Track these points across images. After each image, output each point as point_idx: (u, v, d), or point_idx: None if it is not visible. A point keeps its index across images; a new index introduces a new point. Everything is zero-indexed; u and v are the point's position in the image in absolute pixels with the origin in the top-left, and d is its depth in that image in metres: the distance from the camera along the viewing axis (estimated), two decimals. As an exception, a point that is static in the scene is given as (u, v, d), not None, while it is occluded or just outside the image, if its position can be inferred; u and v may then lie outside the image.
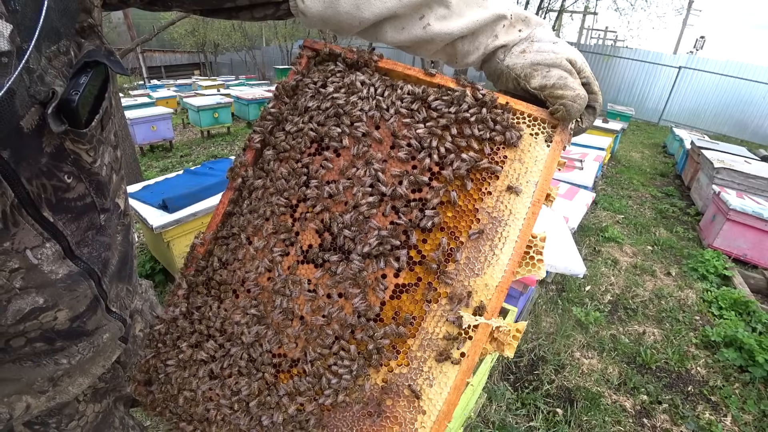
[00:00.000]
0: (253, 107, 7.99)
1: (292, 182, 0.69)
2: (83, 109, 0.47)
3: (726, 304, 3.09)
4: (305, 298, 0.65)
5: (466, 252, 0.62)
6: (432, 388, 0.59)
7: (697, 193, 5.22)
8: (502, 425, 1.99)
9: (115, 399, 0.88)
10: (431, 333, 0.61)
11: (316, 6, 0.64)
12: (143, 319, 0.93)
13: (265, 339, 0.66)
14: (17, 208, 0.46)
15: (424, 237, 0.63)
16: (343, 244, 0.64)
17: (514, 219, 0.62)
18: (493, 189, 0.63)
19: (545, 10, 12.38)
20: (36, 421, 0.70)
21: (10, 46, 0.39)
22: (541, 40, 0.62)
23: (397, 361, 0.62)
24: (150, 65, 22.38)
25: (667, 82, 12.89)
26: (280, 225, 0.68)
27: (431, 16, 0.62)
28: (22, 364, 0.59)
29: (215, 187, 2.87)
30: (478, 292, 0.60)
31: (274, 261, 0.68)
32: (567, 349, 2.56)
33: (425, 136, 0.64)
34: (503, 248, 0.61)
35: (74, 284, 0.57)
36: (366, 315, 0.62)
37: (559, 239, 2.15)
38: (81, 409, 0.77)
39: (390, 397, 0.61)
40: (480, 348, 0.58)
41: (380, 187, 0.64)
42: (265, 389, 0.65)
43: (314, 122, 0.70)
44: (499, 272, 0.60)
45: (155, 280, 2.92)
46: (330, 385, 0.61)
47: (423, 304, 0.62)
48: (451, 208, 0.63)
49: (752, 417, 2.18)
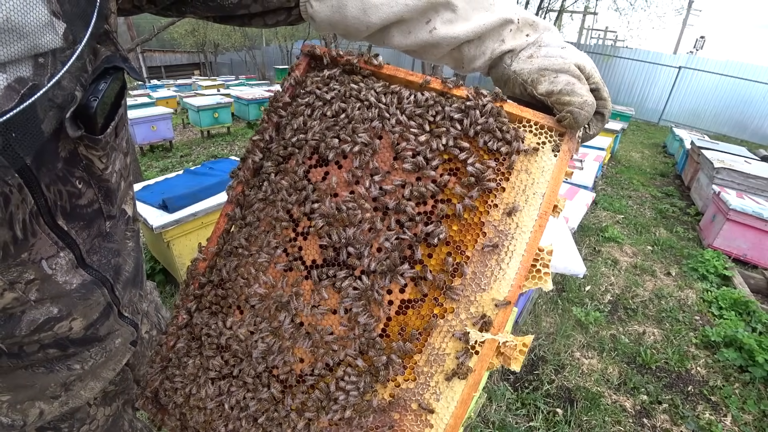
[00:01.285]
0: (253, 107, 7.99)
1: (293, 196, 0.67)
2: (100, 116, 0.47)
3: (726, 304, 3.09)
4: (311, 314, 0.64)
5: (473, 266, 0.61)
6: (439, 402, 0.59)
7: (697, 193, 5.22)
8: (502, 425, 1.99)
9: (124, 402, 0.88)
10: (438, 348, 0.61)
11: (324, 11, 0.64)
12: (149, 321, 0.93)
13: (271, 355, 0.65)
14: (35, 216, 0.45)
15: (430, 252, 0.62)
16: (347, 259, 0.63)
17: (521, 232, 0.60)
18: (499, 201, 0.61)
19: (545, 10, 12.37)
20: (48, 426, 0.69)
21: (63, 43, 0.39)
22: (549, 45, 0.61)
23: (404, 377, 0.61)
24: (150, 65, 22.39)
25: (667, 82, 12.89)
26: (283, 240, 0.67)
27: (437, 20, 0.61)
28: (35, 371, 0.59)
29: (215, 187, 2.86)
30: (485, 307, 0.60)
31: (277, 277, 0.67)
32: (567, 349, 2.56)
33: (429, 146, 0.62)
34: (510, 262, 0.60)
35: (88, 293, 0.57)
36: (373, 331, 0.61)
37: (559, 239, 2.15)
38: (92, 413, 0.77)
39: (397, 411, 0.60)
40: (486, 363, 0.58)
41: (384, 200, 0.63)
42: (272, 405, 0.64)
43: (313, 133, 0.67)
44: (505, 287, 0.59)
45: (155, 280, 2.92)
46: (338, 401, 0.61)
47: (429, 320, 0.61)
48: (456, 221, 0.61)
49: (752, 417, 2.18)
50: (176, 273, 2.80)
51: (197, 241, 2.77)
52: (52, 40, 0.38)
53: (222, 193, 2.88)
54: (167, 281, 2.97)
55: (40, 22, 0.36)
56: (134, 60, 18.44)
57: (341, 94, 0.68)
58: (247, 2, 0.65)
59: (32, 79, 0.38)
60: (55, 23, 0.38)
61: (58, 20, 0.39)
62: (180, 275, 2.77)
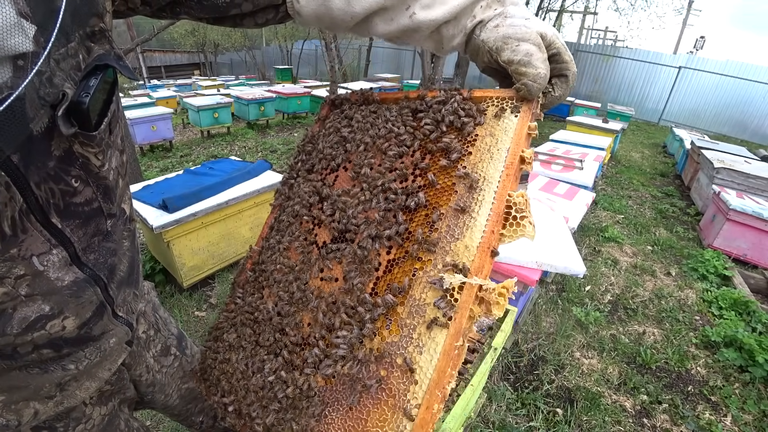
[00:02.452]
0: (253, 107, 7.99)
1: (313, 198, 0.85)
2: (93, 112, 0.47)
3: (726, 304, 3.09)
4: (319, 283, 0.77)
5: (446, 221, 0.67)
6: (422, 355, 0.61)
7: (697, 193, 5.22)
8: (502, 425, 1.99)
9: (120, 401, 0.88)
10: (418, 299, 0.64)
11: (310, 5, 0.67)
12: (146, 321, 0.93)
13: (286, 318, 0.78)
14: (26, 214, 0.45)
15: (411, 216, 0.71)
16: (347, 234, 0.76)
17: (488, 183, 0.66)
18: (467, 164, 0.69)
19: (545, 10, 12.37)
20: (44, 425, 0.69)
21: (35, 47, 0.39)
22: (514, 15, 0.65)
23: (389, 330, 0.65)
24: (150, 65, 22.38)
25: (667, 82, 12.88)
26: (304, 230, 0.85)
27: (416, 6, 0.67)
28: (30, 371, 0.58)
29: (215, 187, 2.86)
30: (460, 255, 0.63)
31: (296, 257, 0.83)
32: (567, 349, 2.56)
33: (408, 135, 0.76)
34: (479, 210, 0.64)
35: (80, 291, 0.57)
36: (363, 291, 0.70)
37: (559, 239, 2.15)
38: (88, 412, 0.77)
39: (384, 368, 0.63)
40: (467, 310, 0.59)
41: (375, 182, 0.76)
42: (282, 366, 0.77)
43: (327, 151, 0.88)
44: (478, 233, 0.63)
45: (155, 280, 2.92)
46: (330, 356, 0.69)
47: (411, 274, 0.66)
48: (431, 188, 0.71)
49: (752, 417, 2.18)
50: (176, 273, 2.80)
51: (197, 241, 2.77)
52: (21, 43, 0.38)
53: (222, 192, 2.88)
54: (167, 281, 2.97)
55: (6, 22, 0.36)
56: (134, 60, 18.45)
57: (343, 118, 0.90)
58: (239, 1, 0.67)
59: (10, 83, 0.38)
60: (24, 24, 0.38)
61: (27, 22, 0.38)
62: (180, 275, 2.77)
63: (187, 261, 2.78)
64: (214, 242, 2.90)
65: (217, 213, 2.80)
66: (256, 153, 6.54)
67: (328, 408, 0.67)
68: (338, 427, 0.65)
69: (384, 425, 0.60)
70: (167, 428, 1.86)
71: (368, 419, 0.62)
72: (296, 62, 19.82)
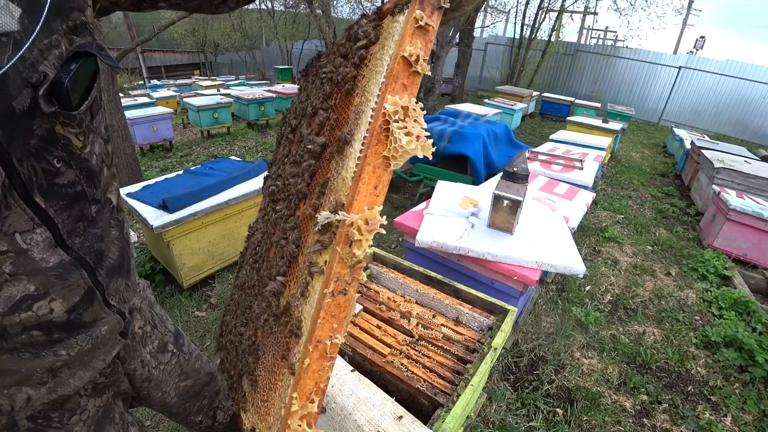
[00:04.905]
0: (253, 107, 7.98)
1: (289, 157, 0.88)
2: (73, 93, 0.50)
3: (726, 304, 3.09)
4: (274, 242, 0.82)
5: (335, 159, 0.60)
6: (306, 306, 0.57)
7: (697, 193, 5.22)
8: (502, 425, 1.99)
9: (114, 394, 0.89)
10: (310, 245, 0.59)
11: None
12: (142, 317, 0.94)
13: (259, 268, 0.88)
14: (8, 189, 0.47)
15: (319, 166, 0.70)
16: (285, 188, 0.81)
17: (367, 101, 0.55)
18: (359, 89, 0.60)
19: (545, 10, 12.36)
20: (39, 415, 0.71)
21: (19, 26, 0.43)
22: None
23: (295, 283, 0.65)
24: (150, 65, 22.36)
25: (667, 82, 12.87)
26: (272, 199, 0.92)
27: None
28: (21, 356, 0.59)
29: (215, 187, 2.86)
30: (339, 190, 0.55)
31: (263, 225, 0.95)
32: (567, 349, 2.56)
33: (323, 98, 0.75)
34: (357, 135, 0.55)
35: (66, 273, 0.58)
36: (291, 245, 0.72)
37: (559, 239, 2.15)
38: (83, 403, 0.78)
39: (287, 320, 0.63)
40: (336, 252, 0.50)
41: (301, 144, 0.77)
42: (243, 323, 0.93)
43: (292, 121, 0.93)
44: (353, 162, 0.54)
45: (155, 280, 2.92)
46: (258, 307, 0.82)
47: (310, 222, 0.62)
48: (332, 131, 0.67)
49: (752, 417, 2.18)
50: (176, 273, 2.80)
51: (197, 241, 2.77)
52: (7, 23, 0.42)
53: (222, 192, 2.88)
54: (167, 281, 2.97)
55: None
56: (134, 60, 18.44)
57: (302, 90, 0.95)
58: None
59: None
60: (10, 6, 0.42)
61: (13, 4, 0.43)
62: (180, 275, 2.77)
63: (187, 261, 2.77)
64: (214, 242, 2.90)
65: (217, 213, 2.80)
66: (256, 153, 6.54)
67: (264, 357, 0.75)
68: (267, 372, 0.71)
69: (282, 378, 0.61)
70: (167, 428, 1.85)
71: (278, 372, 0.64)
72: (296, 62, 19.82)
